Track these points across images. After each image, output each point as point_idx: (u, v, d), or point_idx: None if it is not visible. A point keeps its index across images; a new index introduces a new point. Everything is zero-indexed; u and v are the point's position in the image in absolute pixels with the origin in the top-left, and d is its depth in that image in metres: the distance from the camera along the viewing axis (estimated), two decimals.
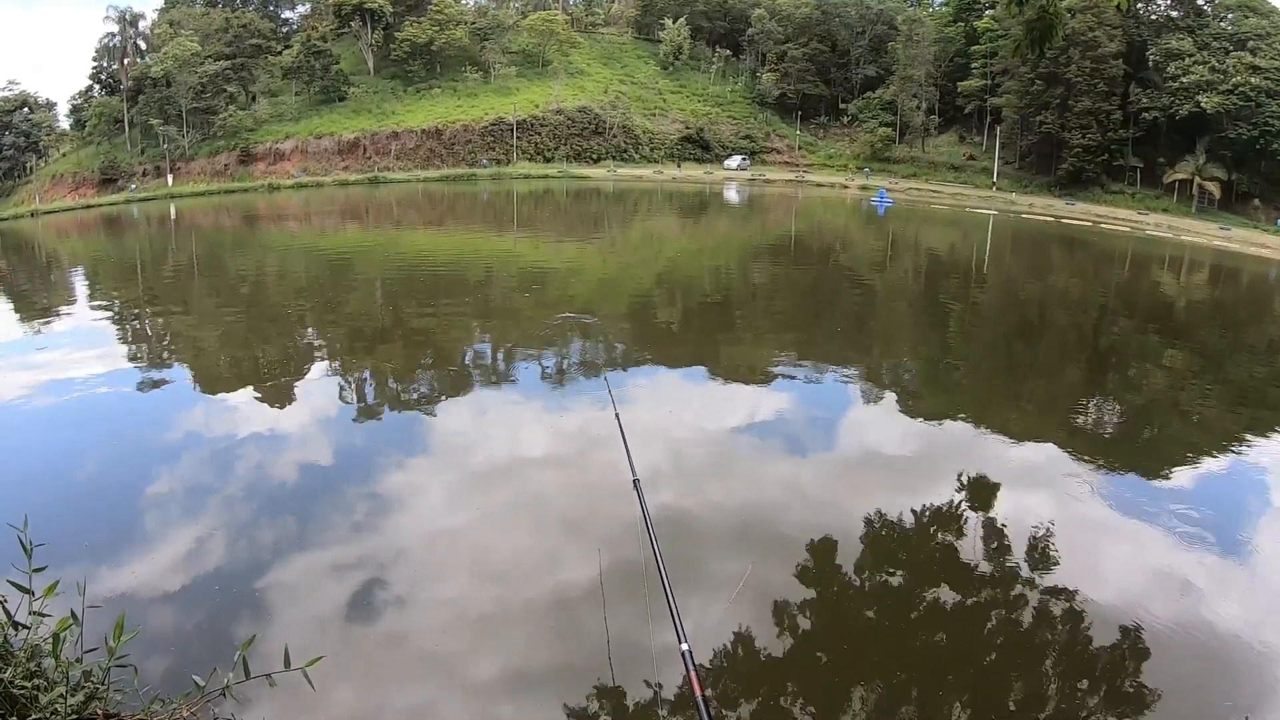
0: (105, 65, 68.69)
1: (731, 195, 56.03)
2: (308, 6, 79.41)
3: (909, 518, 8.05)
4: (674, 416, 10.89)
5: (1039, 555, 7.44)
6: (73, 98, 71.52)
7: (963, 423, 11.65)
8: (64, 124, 74.84)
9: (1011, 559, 7.40)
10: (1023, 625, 6.41)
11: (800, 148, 70.66)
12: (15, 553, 3.28)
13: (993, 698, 5.55)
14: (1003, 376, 14.77)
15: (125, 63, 66.67)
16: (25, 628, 3.30)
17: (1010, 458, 10.06)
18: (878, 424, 11.12)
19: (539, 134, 65.26)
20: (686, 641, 3.27)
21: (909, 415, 11.73)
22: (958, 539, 7.78)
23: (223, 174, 61.15)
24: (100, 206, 53.27)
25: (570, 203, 50.02)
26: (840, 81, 72.56)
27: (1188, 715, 5.53)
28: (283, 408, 11.24)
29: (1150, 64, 54.79)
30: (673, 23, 75.78)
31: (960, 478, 9.18)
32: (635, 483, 4.61)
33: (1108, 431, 11.85)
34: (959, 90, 62.60)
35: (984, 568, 7.25)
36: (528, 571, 6.82)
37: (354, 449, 9.81)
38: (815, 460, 9.84)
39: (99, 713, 3.33)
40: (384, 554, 6.98)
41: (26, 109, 73.00)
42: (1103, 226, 45.38)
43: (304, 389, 12.20)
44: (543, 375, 13.05)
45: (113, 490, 8.42)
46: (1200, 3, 56.44)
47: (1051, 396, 13.32)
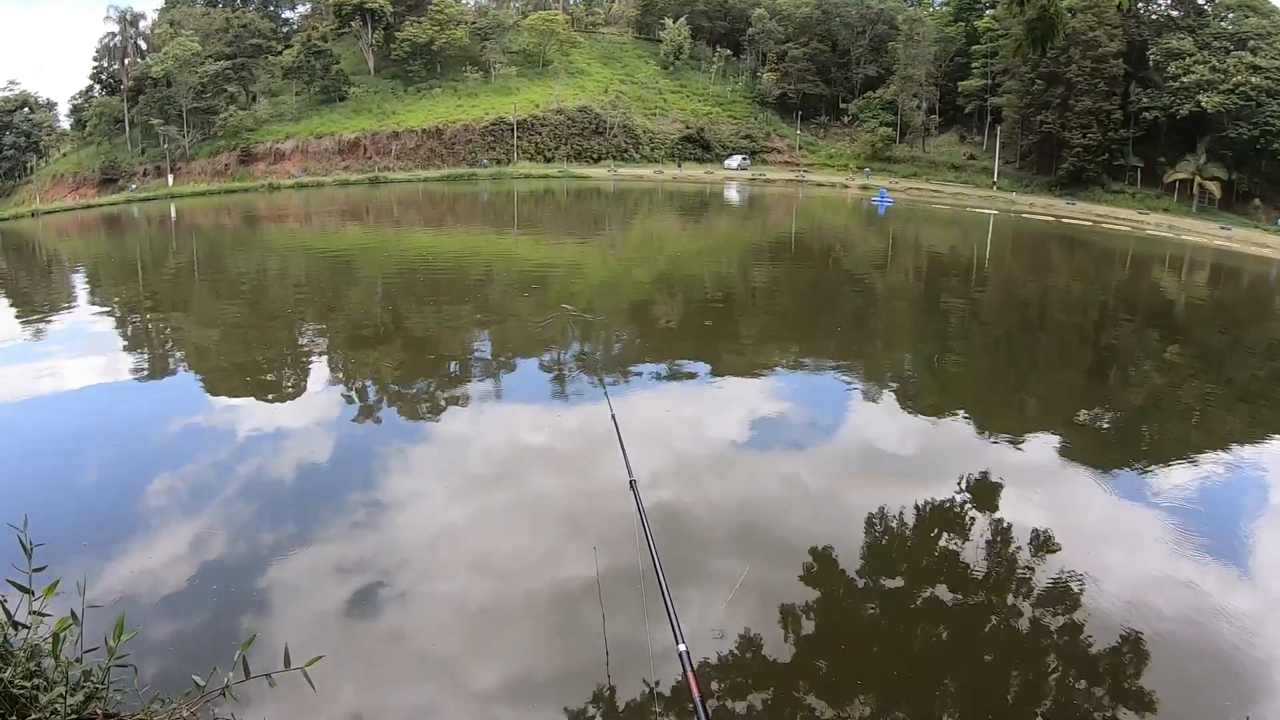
0: (105, 65, 68.66)
1: (732, 195, 55.99)
2: (308, 6, 79.47)
3: (909, 517, 8.05)
4: (672, 416, 10.90)
5: (1039, 555, 7.44)
6: (73, 98, 71.69)
7: (963, 422, 11.66)
8: (64, 124, 75.00)
9: (1012, 558, 7.40)
10: (1022, 625, 6.41)
11: (801, 147, 70.61)
12: (15, 553, 3.28)
13: (992, 697, 5.55)
14: (1003, 376, 14.77)
15: (126, 63, 66.65)
16: (25, 627, 3.30)
17: (1010, 457, 10.06)
18: (877, 423, 11.12)
19: (539, 134, 65.26)
20: (684, 642, 3.26)
21: (909, 415, 11.73)
22: (957, 538, 7.78)
23: (223, 174, 61.12)
24: (101, 206, 53.23)
25: (571, 202, 50.00)
26: (841, 81, 72.51)
27: (1188, 715, 5.54)
28: (283, 408, 11.27)
29: (1151, 64, 54.79)
30: (673, 22, 75.74)
31: (960, 477, 9.18)
32: (632, 483, 4.61)
33: (1108, 431, 11.85)
34: (959, 90, 62.57)
35: (984, 567, 7.25)
36: (525, 572, 6.82)
37: (353, 449, 9.82)
38: (814, 459, 9.84)
39: (99, 712, 3.33)
40: (383, 553, 6.98)
41: (27, 109, 72.99)
42: (1103, 226, 45.36)
43: (304, 389, 12.23)
44: (541, 375, 13.05)
45: (113, 490, 8.44)
46: (1201, 2, 56.41)
47: (1052, 396, 13.33)
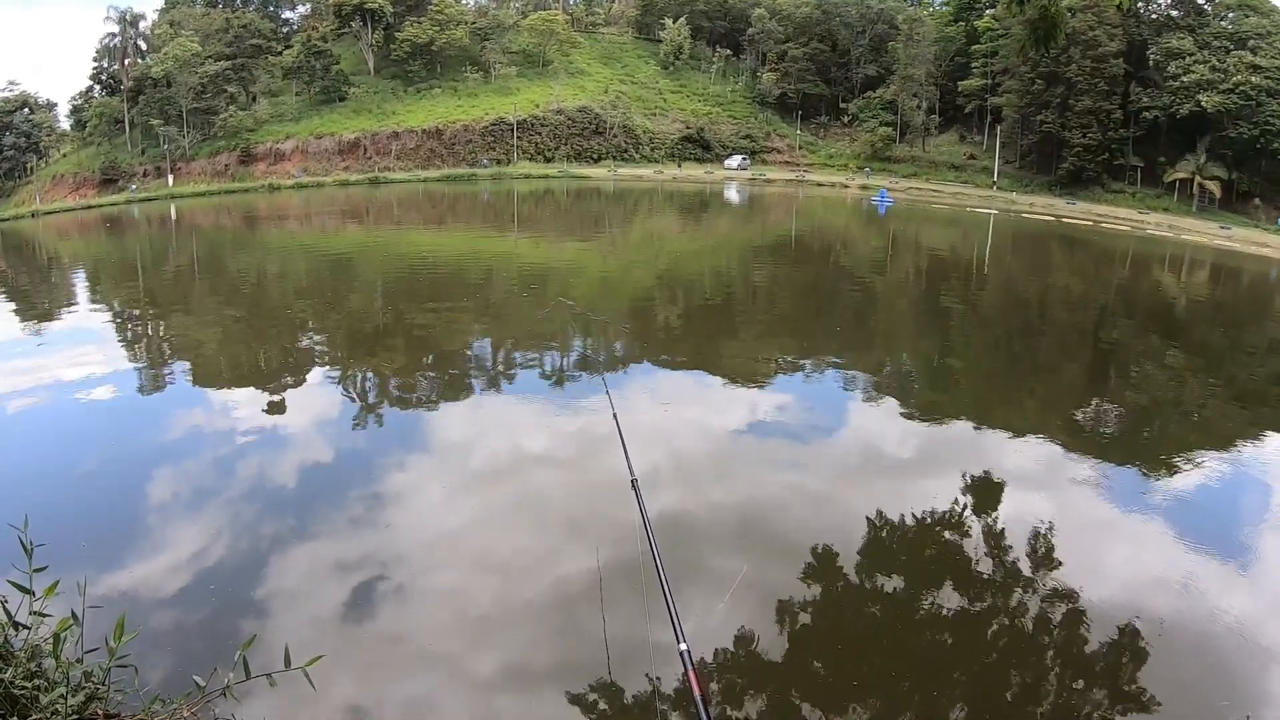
0: (105, 65, 68.61)
1: (732, 195, 55.98)
2: (308, 6, 79.47)
3: (909, 517, 8.05)
4: (673, 415, 10.90)
5: (1039, 554, 7.44)
6: (73, 98, 71.60)
7: (963, 422, 11.66)
8: (64, 124, 74.96)
9: (1012, 558, 7.40)
10: (1023, 624, 6.41)
11: (800, 147, 70.60)
12: (15, 553, 3.28)
13: (992, 697, 5.55)
14: (1003, 375, 14.77)
15: (126, 63, 66.62)
16: (26, 628, 3.30)
17: (1011, 457, 10.05)
18: (877, 423, 11.11)
19: (539, 134, 65.25)
20: (685, 641, 3.27)
21: (909, 414, 11.71)
22: (957, 538, 7.78)
23: (223, 174, 61.11)
24: (101, 207, 53.17)
25: (571, 202, 50.00)
26: (841, 81, 72.49)
27: (1188, 715, 5.53)
28: (283, 407, 11.24)
29: (1151, 63, 54.77)
30: (673, 22, 75.75)
31: (960, 477, 9.18)
32: (633, 483, 4.61)
33: (1108, 430, 11.84)
34: (959, 90, 62.56)
35: (984, 567, 7.25)
36: (526, 571, 6.83)
37: (354, 449, 9.82)
38: (814, 459, 9.83)
39: (99, 713, 3.33)
40: (383, 553, 6.98)
41: (27, 109, 72.94)
42: (1103, 226, 45.35)
43: (304, 389, 12.22)
44: (542, 375, 13.06)
45: (113, 490, 8.43)
46: (1201, 2, 56.37)
47: (1052, 395, 13.32)
